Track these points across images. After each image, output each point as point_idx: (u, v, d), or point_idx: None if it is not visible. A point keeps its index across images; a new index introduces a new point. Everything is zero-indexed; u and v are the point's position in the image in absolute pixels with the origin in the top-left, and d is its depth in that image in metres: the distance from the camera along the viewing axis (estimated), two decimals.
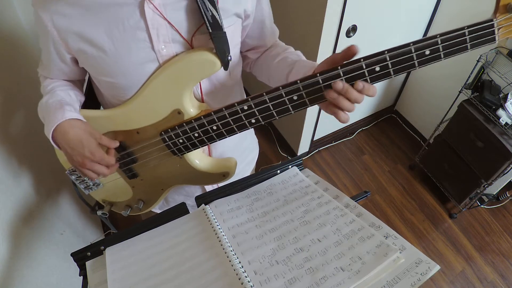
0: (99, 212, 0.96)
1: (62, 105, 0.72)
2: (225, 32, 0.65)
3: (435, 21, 2.00)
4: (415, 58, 0.55)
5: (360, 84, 0.56)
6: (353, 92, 0.57)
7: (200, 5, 0.61)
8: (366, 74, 0.57)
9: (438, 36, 0.53)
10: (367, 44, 1.83)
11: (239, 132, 0.69)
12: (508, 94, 1.68)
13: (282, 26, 0.84)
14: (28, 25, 1.30)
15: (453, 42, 0.53)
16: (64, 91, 0.78)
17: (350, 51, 0.57)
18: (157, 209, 1.03)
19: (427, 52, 0.54)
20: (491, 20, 0.52)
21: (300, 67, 0.73)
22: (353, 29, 1.67)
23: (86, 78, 0.86)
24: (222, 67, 0.66)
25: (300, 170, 0.75)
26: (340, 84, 0.56)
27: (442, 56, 0.55)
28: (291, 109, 0.63)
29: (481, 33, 0.52)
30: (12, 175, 1.07)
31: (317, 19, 1.54)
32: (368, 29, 1.74)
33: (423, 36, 2.08)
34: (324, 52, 1.68)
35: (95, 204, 1.01)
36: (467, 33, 0.52)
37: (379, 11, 1.70)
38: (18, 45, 1.25)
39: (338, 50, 1.69)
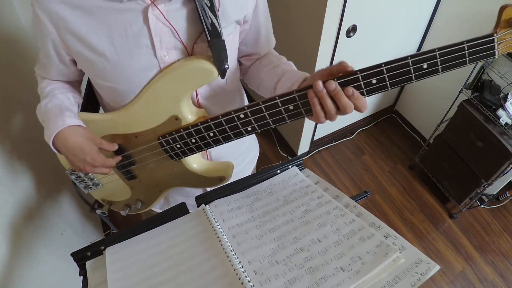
0: (98, 211, 0.97)
1: (62, 111, 0.73)
2: (223, 40, 0.65)
3: (435, 21, 2.00)
4: (412, 72, 0.55)
5: (350, 90, 0.57)
6: (343, 97, 0.57)
7: (200, 12, 0.61)
8: (363, 86, 0.57)
9: (436, 50, 0.53)
10: (367, 44, 1.84)
11: (236, 139, 0.70)
12: (508, 94, 1.68)
13: (282, 26, 0.85)
14: (28, 26, 1.30)
15: (452, 57, 0.53)
16: (63, 94, 0.78)
17: (342, 65, 0.57)
18: (158, 208, 1.03)
19: (425, 66, 0.54)
20: (492, 35, 0.51)
21: (288, 77, 0.73)
22: (353, 29, 1.67)
23: (86, 78, 0.86)
24: (219, 76, 0.66)
25: (300, 170, 0.74)
26: (333, 84, 0.56)
27: (440, 70, 0.54)
28: (286, 119, 0.63)
29: (481, 48, 0.52)
30: (12, 175, 1.07)
31: (317, 19, 1.54)
32: (368, 29, 1.74)
33: (423, 36, 2.08)
34: (324, 52, 1.68)
35: (94, 202, 1.01)
36: (466, 48, 0.52)
37: (379, 11, 1.70)
38: (17, 45, 1.24)
39: (338, 50, 1.71)
